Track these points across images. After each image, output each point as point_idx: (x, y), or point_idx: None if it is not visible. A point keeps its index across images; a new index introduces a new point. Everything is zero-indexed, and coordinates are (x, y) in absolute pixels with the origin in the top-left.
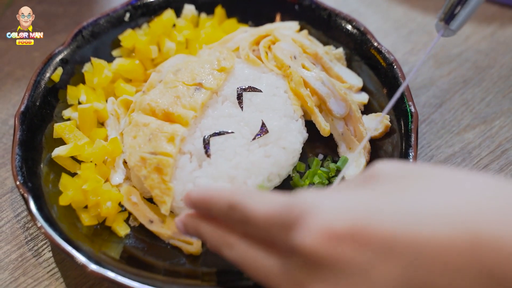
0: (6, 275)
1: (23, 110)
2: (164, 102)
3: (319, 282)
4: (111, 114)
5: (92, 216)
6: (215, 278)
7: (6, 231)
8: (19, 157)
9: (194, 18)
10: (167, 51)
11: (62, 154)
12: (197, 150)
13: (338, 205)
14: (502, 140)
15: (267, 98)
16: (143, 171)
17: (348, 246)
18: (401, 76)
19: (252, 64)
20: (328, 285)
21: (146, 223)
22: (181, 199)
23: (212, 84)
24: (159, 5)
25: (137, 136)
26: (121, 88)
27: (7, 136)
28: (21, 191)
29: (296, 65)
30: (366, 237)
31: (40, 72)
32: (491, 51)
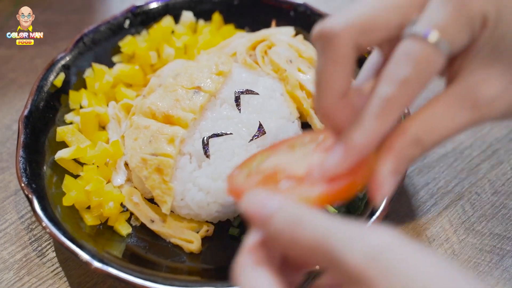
0: (11, 274)
1: (26, 114)
2: (164, 105)
3: None
4: (112, 117)
5: (95, 216)
6: (215, 274)
7: (11, 232)
8: (23, 159)
9: (192, 24)
10: (166, 57)
11: (65, 157)
12: (197, 151)
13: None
14: (492, 140)
15: (264, 100)
16: (144, 172)
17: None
18: None
19: (249, 68)
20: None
21: (148, 223)
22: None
23: (211, 88)
24: (158, 12)
25: (138, 138)
26: (121, 92)
27: (11, 141)
28: (26, 192)
29: (292, 68)
30: None
31: (43, 78)
32: None
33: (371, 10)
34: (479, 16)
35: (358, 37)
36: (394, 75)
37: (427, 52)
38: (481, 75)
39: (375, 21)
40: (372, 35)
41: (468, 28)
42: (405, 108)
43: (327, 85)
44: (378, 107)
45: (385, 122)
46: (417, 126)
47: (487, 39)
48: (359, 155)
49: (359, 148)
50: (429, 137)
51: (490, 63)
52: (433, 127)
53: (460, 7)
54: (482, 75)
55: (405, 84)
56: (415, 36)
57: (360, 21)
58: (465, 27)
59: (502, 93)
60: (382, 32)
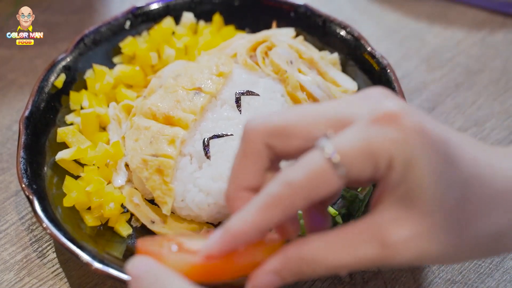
0: (12, 275)
1: (27, 115)
2: (165, 106)
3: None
4: (112, 118)
5: (95, 217)
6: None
7: (11, 233)
8: (24, 160)
9: (192, 25)
10: (166, 58)
11: (65, 158)
12: (197, 152)
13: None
14: (493, 141)
15: (265, 101)
16: (145, 173)
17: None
18: (395, 80)
19: (250, 69)
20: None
21: (148, 224)
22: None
23: (211, 89)
24: (159, 13)
25: (138, 139)
26: (122, 93)
27: (11, 142)
28: (26, 193)
29: (292, 69)
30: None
31: (44, 79)
32: (481, 56)
33: (288, 118)
34: (384, 159)
35: (269, 139)
36: (285, 176)
37: (324, 168)
38: (393, 214)
39: (288, 129)
40: (285, 141)
41: (370, 164)
42: (292, 211)
43: (234, 175)
44: (261, 201)
45: (264, 216)
46: (317, 247)
47: (398, 181)
48: (233, 240)
49: (232, 234)
50: (323, 261)
51: (404, 206)
52: (333, 252)
53: (367, 144)
54: (394, 215)
55: (291, 186)
56: (321, 149)
57: (273, 126)
58: (366, 163)
59: (411, 239)
60: (297, 140)
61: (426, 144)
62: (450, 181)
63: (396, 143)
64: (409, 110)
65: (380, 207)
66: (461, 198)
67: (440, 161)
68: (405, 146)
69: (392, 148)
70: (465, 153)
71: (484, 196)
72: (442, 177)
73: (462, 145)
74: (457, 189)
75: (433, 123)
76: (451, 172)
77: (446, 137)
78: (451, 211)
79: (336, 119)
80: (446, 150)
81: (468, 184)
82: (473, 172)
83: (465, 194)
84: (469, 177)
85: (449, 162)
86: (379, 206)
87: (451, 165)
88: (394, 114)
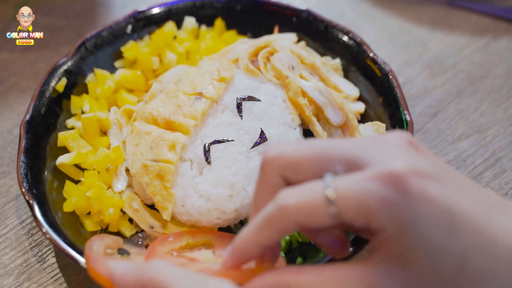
0: (11, 280)
1: (28, 119)
2: (166, 111)
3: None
4: (113, 123)
5: (95, 222)
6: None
7: (11, 237)
8: (24, 164)
9: (194, 30)
10: (168, 62)
11: (66, 162)
12: (198, 157)
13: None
14: (495, 148)
15: (266, 107)
16: (145, 178)
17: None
18: (397, 86)
19: (251, 75)
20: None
21: (147, 229)
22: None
23: (212, 94)
24: (161, 17)
25: (139, 144)
26: (123, 98)
27: (12, 145)
28: (26, 197)
29: (294, 75)
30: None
31: (45, 83)
32: (484, 62)
33: (303, 153)
34: (376, 218)
35: (283, 172)
36: (282, 199)
37: (318, 201)
38: (386, 268)
39: (301, 165)
40: (298, 174)
41: (363, 218)
42: (285, 232)
43: (255, 201)
44: (258, 221)
45: (260, 235)
46: (310, 278)
47: (391, 241)
48: (239, 255)
49: (237, 250)
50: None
51: (398, 264)
52: (324, 287)
53: (363, 199)
54: (387, 269)
55: (284, 210)
56: (324, 182)
57: (287, 161)
58: (359, 216)
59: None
60: (309, 174)
61: (425, 211)
62: (448, 251)
63: (391, 205)
64: (417, 172)
65: (376, 256)
66: (458, 268)
67: (440, 229)
68: (400, 211)
69: (386, 210)
70: (469, 223)
71: (483, 268)
72: (439, 246)
73: (468, 213)
74: (455, 259)
75: (440, 189)
76: (450, 242)
77: (452, 205)
78: (445, 279)
79: (348, 161)
80: (448, 218)
81: (467, 256)
82: (475, 243)
83: (462, 265)
84: (469, 248)
85: (449, 232)
86: (376, 255)
87: (451, 234)
88: (399, 176)
